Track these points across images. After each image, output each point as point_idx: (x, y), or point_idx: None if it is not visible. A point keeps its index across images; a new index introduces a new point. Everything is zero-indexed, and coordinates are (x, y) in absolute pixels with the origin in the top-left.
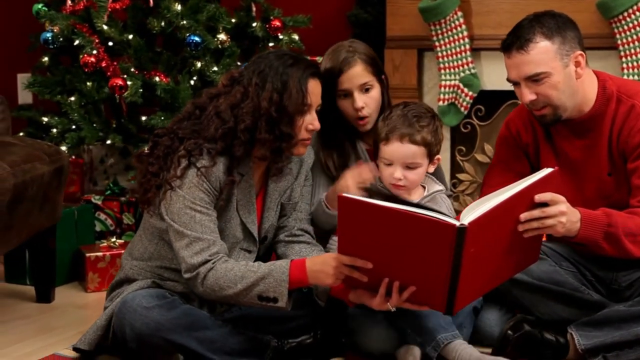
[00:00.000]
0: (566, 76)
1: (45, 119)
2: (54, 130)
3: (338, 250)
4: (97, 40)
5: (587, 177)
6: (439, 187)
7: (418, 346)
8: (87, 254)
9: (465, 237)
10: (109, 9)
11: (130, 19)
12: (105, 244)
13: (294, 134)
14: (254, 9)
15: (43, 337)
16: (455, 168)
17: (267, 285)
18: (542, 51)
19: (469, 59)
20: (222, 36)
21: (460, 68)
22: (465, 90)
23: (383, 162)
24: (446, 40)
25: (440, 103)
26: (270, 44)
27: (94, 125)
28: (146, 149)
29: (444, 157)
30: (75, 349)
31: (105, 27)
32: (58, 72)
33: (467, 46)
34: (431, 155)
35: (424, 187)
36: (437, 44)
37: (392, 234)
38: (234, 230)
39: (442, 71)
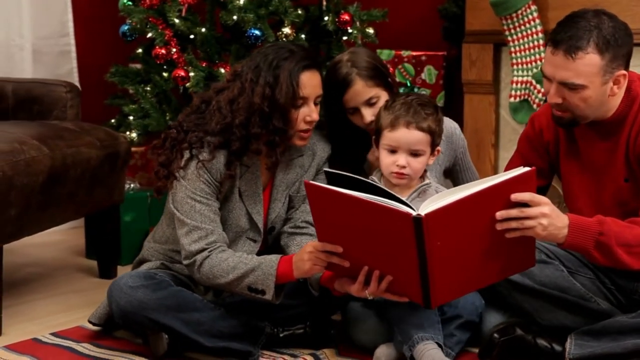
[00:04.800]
0: (600, 93)
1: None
2: (130, 117)
3: (317, 237)
4: (169, 33)
5: (606, 182)
6: (428, 180)
7: (398, 344)
8: None
9: (422, 227)
10: (185, 3)
11: (209, 13)
12: None
13: (287, 128)
14: (324, 3)
15: (83, 310)
16: None
17: (256, 277)
18: (588, 64)
19: (543, 55)
20: (287, 30)
21: (533, 64)
22: (538, 86)
23: (386, 150)
24: (519, 35)
25: (512, 99)
26: (344, 38)
27: (166, 114)
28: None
29: None
30: (89, 321)
31: (176, 20)
32: (142, 63)
33: (541, 41)
34: (433, 145)
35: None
36: (509, 38)
37: (358, 221)
38: (237, 219)
39: (515, 67)
